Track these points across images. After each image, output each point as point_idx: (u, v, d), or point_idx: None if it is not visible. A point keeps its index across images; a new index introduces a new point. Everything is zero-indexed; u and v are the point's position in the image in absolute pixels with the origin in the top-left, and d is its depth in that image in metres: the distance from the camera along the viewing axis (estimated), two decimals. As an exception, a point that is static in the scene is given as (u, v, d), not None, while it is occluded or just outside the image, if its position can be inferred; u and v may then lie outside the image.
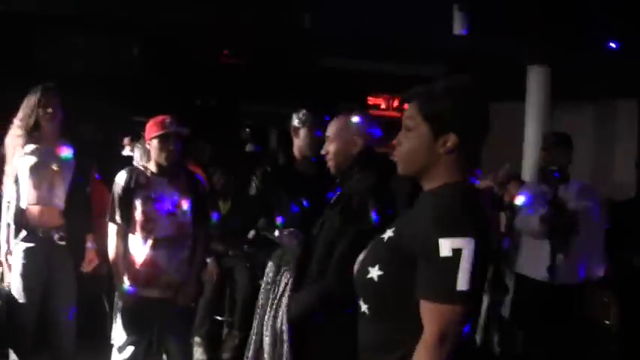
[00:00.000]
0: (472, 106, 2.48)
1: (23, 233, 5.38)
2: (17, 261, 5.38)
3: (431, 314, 2.30)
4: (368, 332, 2.52)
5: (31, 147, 5.42)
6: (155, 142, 5.13)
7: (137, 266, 5.13)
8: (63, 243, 5.45)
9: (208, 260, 6.82)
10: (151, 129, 5.17)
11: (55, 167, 5.43)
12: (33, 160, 5.39)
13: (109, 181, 5.39)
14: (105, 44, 7.28)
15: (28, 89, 5.47)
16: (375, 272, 2.44)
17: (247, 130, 12.39)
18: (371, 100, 11.16)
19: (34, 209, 5.40)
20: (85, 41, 7.19)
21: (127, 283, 5.14)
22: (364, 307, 2.51)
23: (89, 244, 5.67)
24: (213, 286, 7.13)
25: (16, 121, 5.45)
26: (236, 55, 8.47)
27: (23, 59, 7.39)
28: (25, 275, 5.36)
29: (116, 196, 5.18)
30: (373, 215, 2.75)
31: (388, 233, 2.49)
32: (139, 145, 6.23)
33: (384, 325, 2.46)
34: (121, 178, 5.20)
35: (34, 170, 5.38)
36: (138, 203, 5.10)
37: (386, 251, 2.46)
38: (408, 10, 7.62)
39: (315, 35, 7.62)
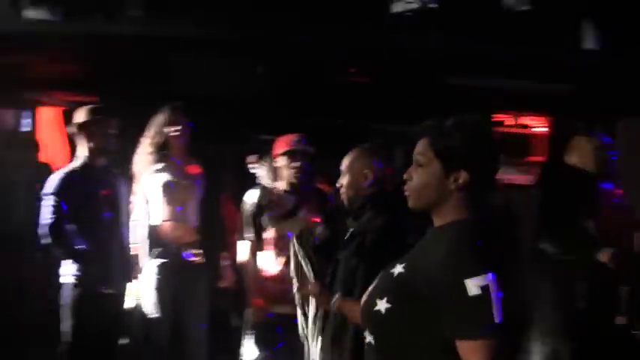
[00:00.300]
0: (483, 142, 2.54)
1: (156, 250, 5.50)
2: (151, 277, 5.50)
3: (476, 352, 2.35)
4: None
5: (161, 165, 5.54)
6: (282, 159, 5.19)
7: (268, 282, 5.17)
8: (196, 259, 5.55)
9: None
10: (279, 146, 5.24)
11: (186, 184, 5.54)
12: (164, 177, 5.51)
13: (238, 200, 5.47)
14: (232, 65, 7.39)
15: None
16: (383, 305, 2.48)
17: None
18: (497, 118, 11.00)
19: (167, 226, 5.51)
20: (215, 63, 7.32)
21: (258, 299, 5.19)
22: (370, 338, 2.56)
23: (224, 262, 5.75)
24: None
25: (145, 140, 5.59)
26: (363, 74, 8.47)
27: (159, 82, 7.61)
28: (159, 289, 5.49)
29: (246, 214, 5.25)
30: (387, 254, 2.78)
31: (398, 268, 2.53)
32: (265, 164, 6.31)
33: (390, 356, 2.50)
34: (250, 196, 5.27)
35: (166, 187, 5.50)
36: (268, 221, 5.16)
37: (395, 286, 2.51)
38: (534, 25, 7.47)
39: (441, 53, 7.57)
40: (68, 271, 5.30)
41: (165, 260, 5.49)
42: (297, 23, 6.62)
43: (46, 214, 5.26)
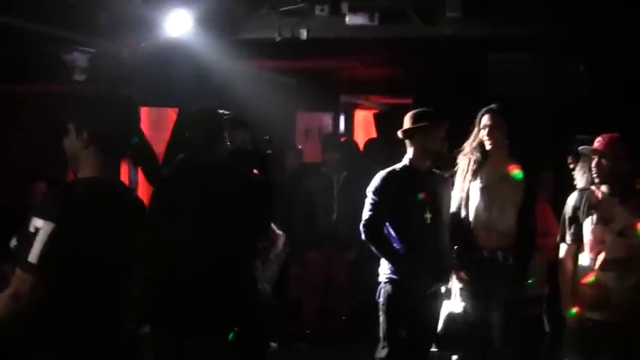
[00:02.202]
0: (102, 109, 3.22)
1: (468, 253, 5.47)
2: (461, 280, 5.50)
3: (15, 279, 2.95)
4: None
5: (481, 169, 5.50)
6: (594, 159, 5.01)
7: (584, 287, 5.00)
8: (508, 262, 5.47)
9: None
10: (596, 146, 5.05)
11: (505, 189, 5.46)
12: (483, 182, 5.47)
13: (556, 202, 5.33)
14: (554, 65, 7.26)
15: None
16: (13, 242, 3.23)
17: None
18: None
19: (482, 231, 5.46)
20: (534, 63, 7.23)
21: (573, 304, 5.04)
22: None
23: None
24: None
25: (466, 144, 5.58)
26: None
27: (476, 85, 7.64)
28: (470, 293, 5.46)
29: (567, 216, 5.11)
30: None
31: None
32: (580, 164, 6.09)
33: None
34: (572, 199, 5.13)
35: (484, 192, 5.45)
36: (587, 224, 4.98)
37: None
38: None
39: None
40: (384, 270, 5.41)
41: (477, 265, 5.45)
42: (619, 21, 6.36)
43: (366, 211, 5.42)
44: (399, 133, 5.50)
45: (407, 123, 5.48)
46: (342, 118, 10.83)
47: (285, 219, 5.96)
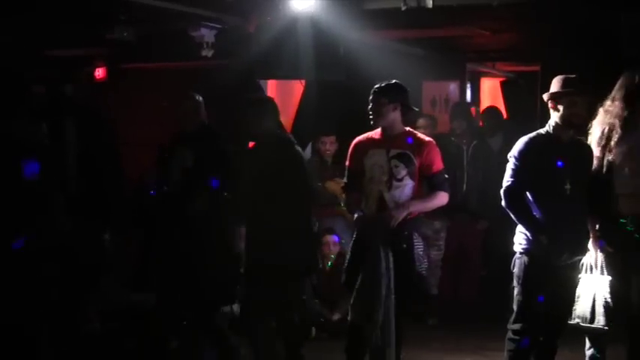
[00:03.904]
0: None
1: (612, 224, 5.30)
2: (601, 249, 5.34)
3: None
4: None
5: (624, 134, 5.30)
6: None
7: None
8: None
9: None
10: None
11: None
12: (628, 147, 5.27)
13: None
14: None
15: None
16: None
17: None
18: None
19: (628, 198, 5.26)
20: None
21: None
22: None
23: None
24: None
25: (600, 110, 5.39)
26: None
27: (607, 48, 7.45)
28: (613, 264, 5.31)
29: None
30: None
31: None
32: None
33: None
34: None
35: (631, 157, 5.26)
36: None
37: None
38: None
39: None
40: (519, 241, 5.30)
41: (621, 233, 5.26)
42: None
43: (507, 176, 5.31)
44: (545, 96, 5.32)
45: (554, 86, 5.30)
46: (468, 87, 10.68)
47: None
